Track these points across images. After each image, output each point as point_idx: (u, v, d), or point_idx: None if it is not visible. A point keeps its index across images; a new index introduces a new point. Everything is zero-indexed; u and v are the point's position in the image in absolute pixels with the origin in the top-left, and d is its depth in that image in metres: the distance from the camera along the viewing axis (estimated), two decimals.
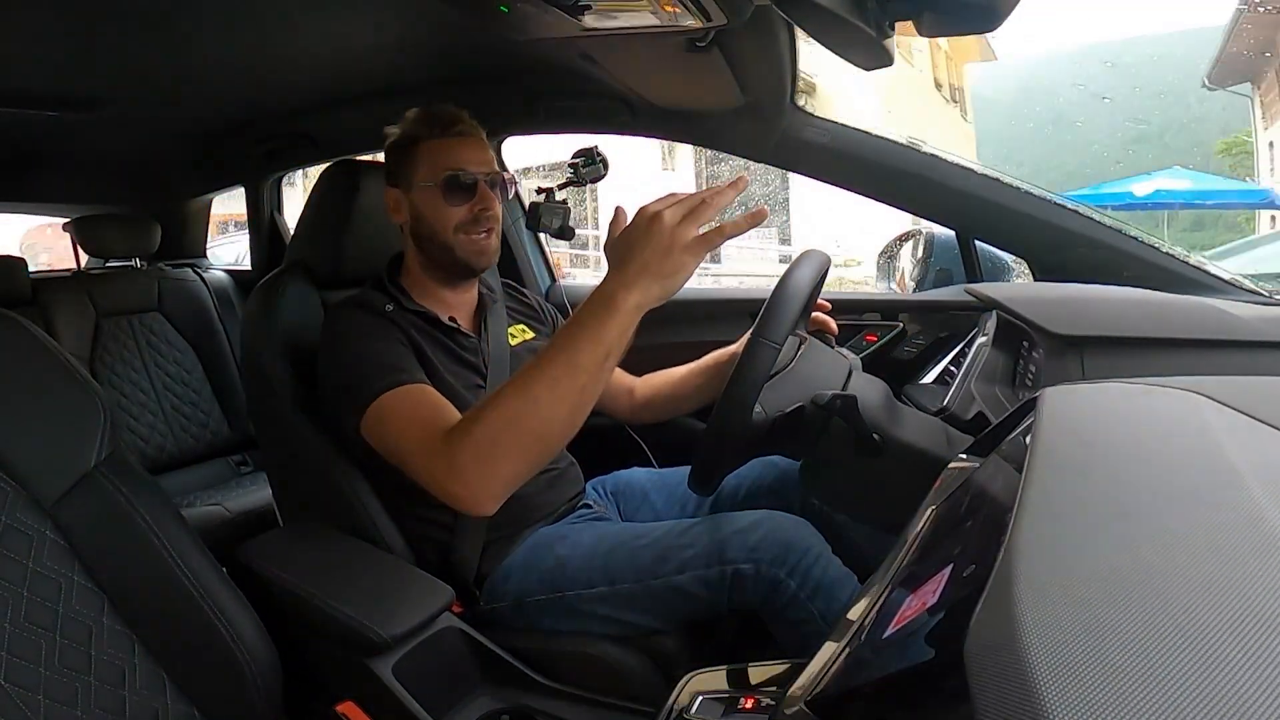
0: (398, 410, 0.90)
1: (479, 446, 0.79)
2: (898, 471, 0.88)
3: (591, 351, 0.76)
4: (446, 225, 1.03)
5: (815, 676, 0.46)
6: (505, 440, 0.78)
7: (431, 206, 1.04)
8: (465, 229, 1.03)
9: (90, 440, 0.79)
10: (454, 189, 1.02)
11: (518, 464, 0.80)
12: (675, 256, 0.73)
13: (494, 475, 0.80)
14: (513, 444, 0.79)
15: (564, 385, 0.76)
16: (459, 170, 1.02)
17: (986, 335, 1.10)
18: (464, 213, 1.03)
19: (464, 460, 0.80)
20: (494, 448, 0.79)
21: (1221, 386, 0.51)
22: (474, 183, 1.03)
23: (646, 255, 0.74)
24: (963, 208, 1.33)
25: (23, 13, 1.06)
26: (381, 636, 0.84)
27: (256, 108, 1.77)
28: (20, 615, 0.72)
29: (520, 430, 0.78)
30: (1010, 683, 0.26)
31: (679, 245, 0.73)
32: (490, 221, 1.04)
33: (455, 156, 1.03)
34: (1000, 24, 0.76)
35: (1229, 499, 0.36)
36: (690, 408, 1.25)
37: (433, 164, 1.03)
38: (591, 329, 0.76)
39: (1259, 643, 0.25)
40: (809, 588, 0.89)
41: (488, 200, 1.04)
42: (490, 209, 1.04)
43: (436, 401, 0.91)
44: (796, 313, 0.90)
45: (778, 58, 1.19)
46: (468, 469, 0.79)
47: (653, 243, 0.73)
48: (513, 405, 0.78)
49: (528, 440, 0.79)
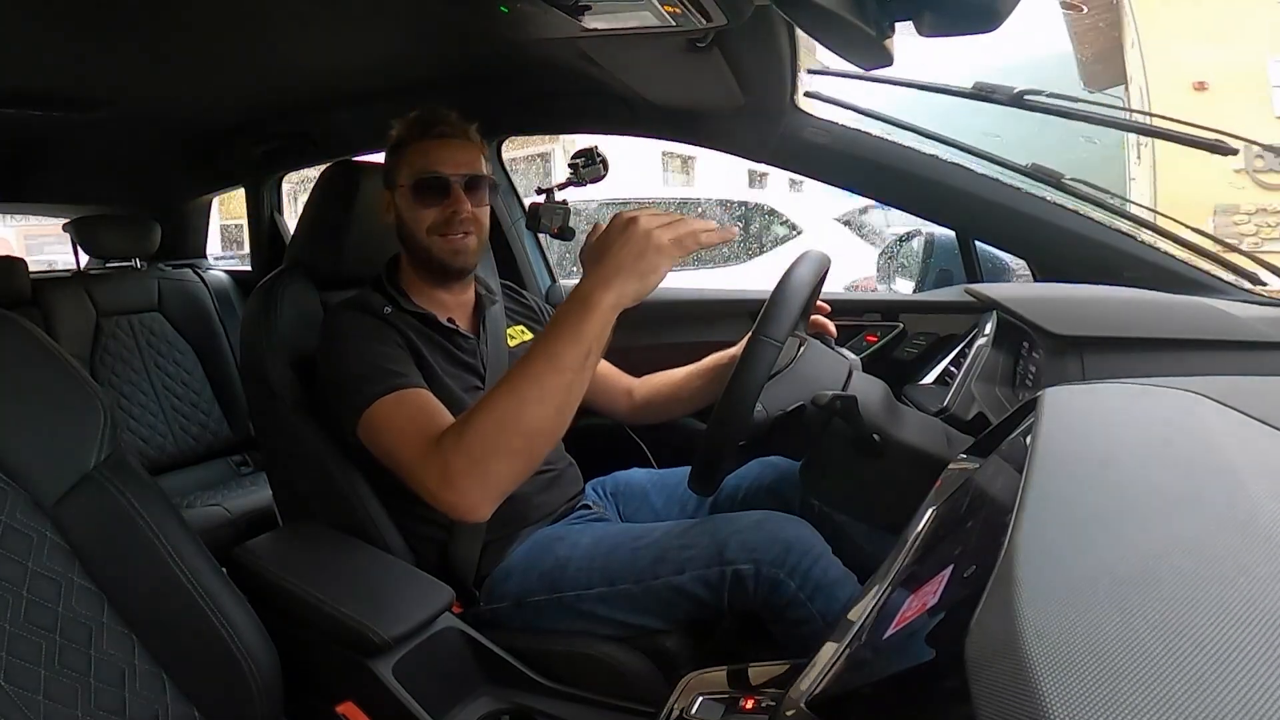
0: (392, 417, 0.90)
1: (470, 453, 0.80)
2: (898, 472, 0.88)
3: (573, 350, 0.78)
4: (420, 226, 1.04)
5: (815, 677, 0.46)
6: (496, 444, 0.79)
7: (408, 208, 1.05)
8: (438, 230, 1.04)
9: (90, 440, 0.79)
10: (423, 190, 1.03)
11: (509, 467, 0.81)
12: (649, 257, 0.76)
13: (487, 480, 0.81)
14: (503, 447, 0.80)
15: (549, 384, 0.78)
16: (431, 172, 1.03)
17: (986, 335, 1.10)
18: (435, 214, 1.04)
19: (456, 468, 0.80)
20: (485, 453, 0.80)
21: (1221, 386, 0.51)
22: (446, 184, 1.03)
23: (622, 255, 0.76)
24: (963, 208, 1.33)
25: (23, 13, 1.06)
26: (382, 637, 0.83)
27: (256, 108, 1.77)
28: (20, 616, 0.72)
29: (510, 433, 0.79)
30: (1011, 683, 0.26)
31: (653, 246, 0.76)
32: (465, 224, 1.04)
33: (431, 158, 1.04)
34: (1000, 24, 0.76)
35: (1229, 499, 0.36)
36: (689, 409, 1.25)
37: (411, 166, 1.04)
38: (571, 328, 0.78)
39: (1260, 642, 0.25)
40: (809, 588, 0.89)
41: (459, 202, 1.04)
42: (461, 211, 1.04)
43: (431, 407, 0.91)
44: (797, 311, 0.90)
45: (778, 58, 1.19)
46: (460, 477, 0.80)
47: (628, 243, 0.76)
48: (500, 408, 0.79)
49: (518, 442, 0.80)
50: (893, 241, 1.69)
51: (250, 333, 1.09)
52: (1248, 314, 0.97)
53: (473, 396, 1.04)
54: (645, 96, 1.40)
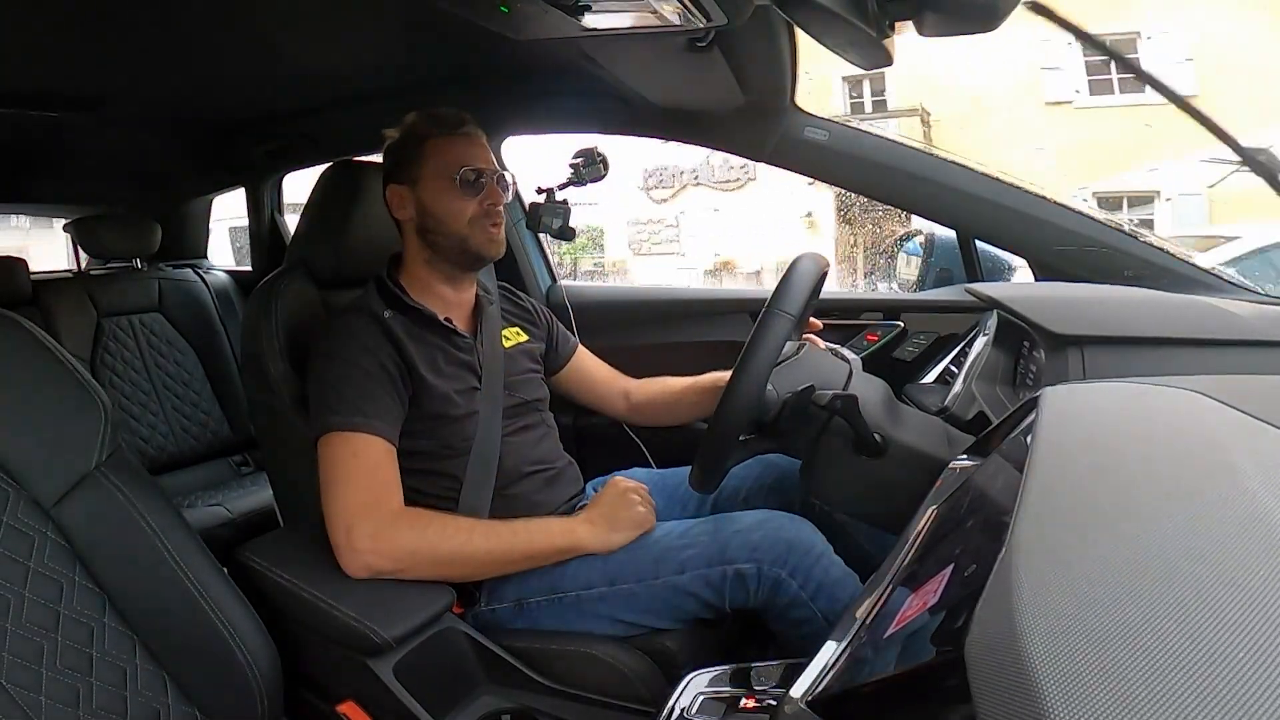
0: (340, 457, 0.93)
1: (401, 560, 0.90)
2: (898, 471, 0.88)
3: (542, 557, 0.96)
4: (460, 218, 1.06)
5: (816, 676, 0.46)
6: (429, 568, 0.92)
7: (443, 201, 1.06)
8: (479, 220, 1.06)
9: (91, 441, 0.79)
10: (468, 183, 1.05)
11: (417, 574, 0.92)
12: (624, 527, 0.98)
13: (384, 570, 0.90)
14: (430, 573, 0.92)
15: (507, 568, 0.96)
16: (472, 166, 1.06)
17: (987, 335, 1.10)
18: (475, 206, 1.06)
19: (381, 552, 0.89)
20: (414, 565, 0.91)
21: (1222, 385, 0.51)
22: (484, 178, 1.06)
23: (610, 510, 0.99)
24: (963, 208, 1.33)
25: (23, 13, 1.06)
26: (383, 637, 0.83)
27: (256, 108, 1.77)
28: (21, 616, 0.72)
29: (444, 569, 0.93)
30: (1011, 682, 0.26)
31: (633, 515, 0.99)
32: (498, 215, 1.08)
33: (465, 153, 1.06)
34: (1000, 24, 0.76)
35: (1229, 497, 0.36)
36: (684, 420, 1.26)
37: (442, 160, 1.06)
38: (550, 549, 0.96)
39: (1260, 640, 0.25)
40: (810, 587, 0.89)
41: (496, 195, 1.07)
42: (499, 203, 1.08)
43: (375, 463, 0.94)
44: (808, 291, 0.91)
45: (778, 58, 1.20)
46: (376, 559, 0.89)
47: (618, 502, 1.00)
48: (457, 553, 0.92)
49: (444, 573, 0.93)
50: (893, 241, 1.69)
51: (250, 332, 1.09)
52: (1248, 313, 0.97)
53: (468, 397, 1.04)
54: (645, 96, 1.40)
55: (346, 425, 0.93)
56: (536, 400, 1.16)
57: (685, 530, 0.97)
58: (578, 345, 1.31)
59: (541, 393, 1.18)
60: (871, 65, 0.93)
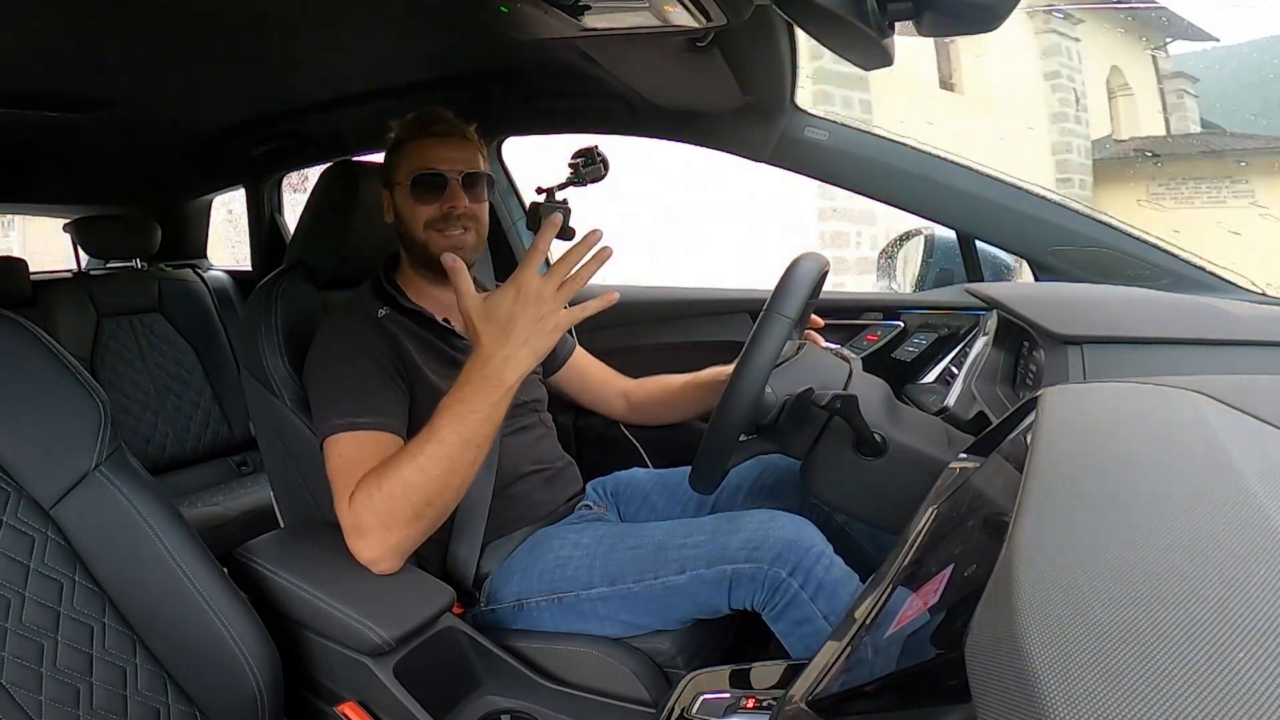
0: (342, 453, 0.92)
1: (379, 514, 0.86)
2: (898, 471, 0.88)
3: (483, 428, 0.85)
4: (418, 222, 1.05)
5: (816, 676, 0.46)
6: (404, 510, 0.85)
7: (407, 205, 1.06)
8: (436, 225, 1.05)
9: (91, 440, 0.79)
10: (420, 186, 1.04)
11: (414, 530, 0.87)
12: (547, 335, 0.82)
13: (388, 540, 0.86)
14: (409, 514, 0.85)
15: (458, 461, 0.85)
16: (428, 168, 1.04)
17: (987, 335, 1.10)
18: (433, 210, 1.05)
19: (366, 524, 0.86)
20: (392, 517, 0.85)
21: (1222, 386, 0.51)
22: (443, 180, 1.05)
23: (527, 330, 0.82)
24: (963, 208, 1.33)
25: (23, 12, 1.06)
26: (382, 637, 0.83)
27: (256, 108, 1.77)
28: (21, 616, 0.72)
29: (418, 500, 0.85)
30: (1011, 682, 0.26)
31: (552, 320, 0.82)
32: (462, 220, 1.06)
33: (428, 155, 1.05)
34: (1000, 24, 0.76)
35: (1230, 498, 0.36)
36: (684, 418, 1.26)
37: (408, 163, 1.06)
38: (483, 408, 0.84)
39: (1261, 641, 0.25)
40: (811, 587, 0.89)
41: (455, 198, 1.05)
42: (458, 206, 1.05)
43: (375, 454, 0.92)
44: (807, 293, 0.90)
45: (778, 58, 1.19)
46: (369, 532, 0.86)
47: (531, 316, 0.81)
48: (410, 480, 0.85)
49: (424, 509, 0.86)
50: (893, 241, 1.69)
51: (250, 332, 1.09)
52: (1248, 314, 0.97)
53: None
54: (645, 96, 1.40)
55: (350, 425, 0.93)
56: (534, 401, 1.16)
57: (686, 530, 0.97)
58: (575, 346, 1.31)
59: (539, 393, 1.18)
60: (872, 65, 0.93)
